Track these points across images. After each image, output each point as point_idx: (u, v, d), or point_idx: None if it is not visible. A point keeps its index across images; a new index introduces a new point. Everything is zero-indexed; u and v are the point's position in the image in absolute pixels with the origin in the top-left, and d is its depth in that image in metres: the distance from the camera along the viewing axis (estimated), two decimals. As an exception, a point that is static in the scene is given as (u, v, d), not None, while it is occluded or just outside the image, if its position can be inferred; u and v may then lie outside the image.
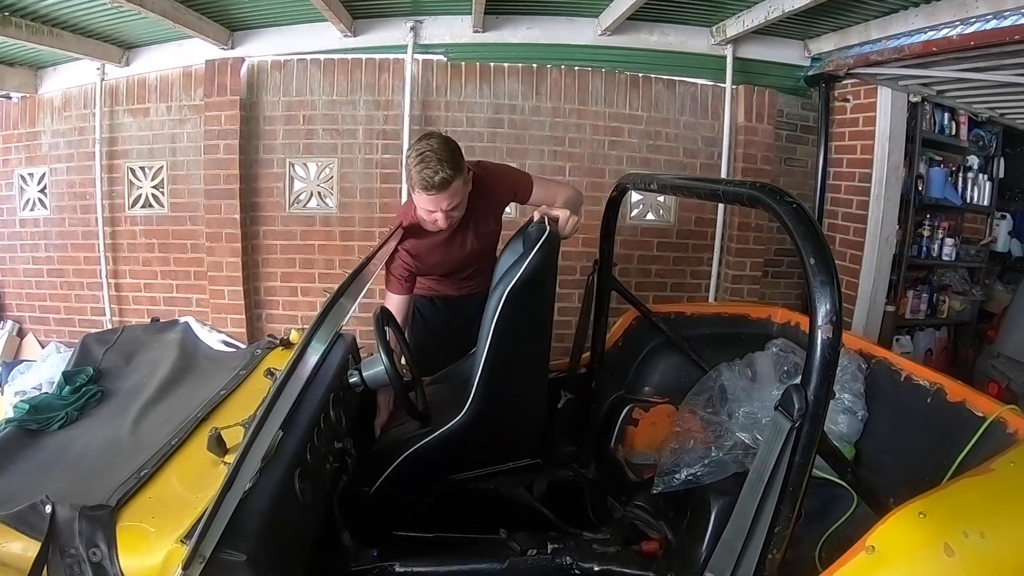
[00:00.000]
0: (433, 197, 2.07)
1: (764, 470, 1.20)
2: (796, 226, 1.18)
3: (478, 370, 1.91)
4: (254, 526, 1.22)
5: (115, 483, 1.34)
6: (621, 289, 2.43)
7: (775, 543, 1.23)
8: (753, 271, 4.30)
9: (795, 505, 1.20)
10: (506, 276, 1.89)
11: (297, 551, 1.39)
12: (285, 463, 1.45)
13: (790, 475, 1.18)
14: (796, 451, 1.16)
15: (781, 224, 1.21)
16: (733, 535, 1.27)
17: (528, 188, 2.43)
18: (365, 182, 4.07)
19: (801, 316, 2.44)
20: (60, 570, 1.17)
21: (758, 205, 1.29)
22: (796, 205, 1.21)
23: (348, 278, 1.28)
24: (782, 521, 1.21)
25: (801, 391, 1.14)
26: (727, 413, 1.95)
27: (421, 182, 2.04)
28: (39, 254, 4.43)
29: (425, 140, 2.07)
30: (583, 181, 4.01)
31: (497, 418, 1.95)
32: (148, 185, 4.20)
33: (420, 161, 2.03)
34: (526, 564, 1.82)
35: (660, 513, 2.02)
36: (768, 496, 1.21)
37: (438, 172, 2.02)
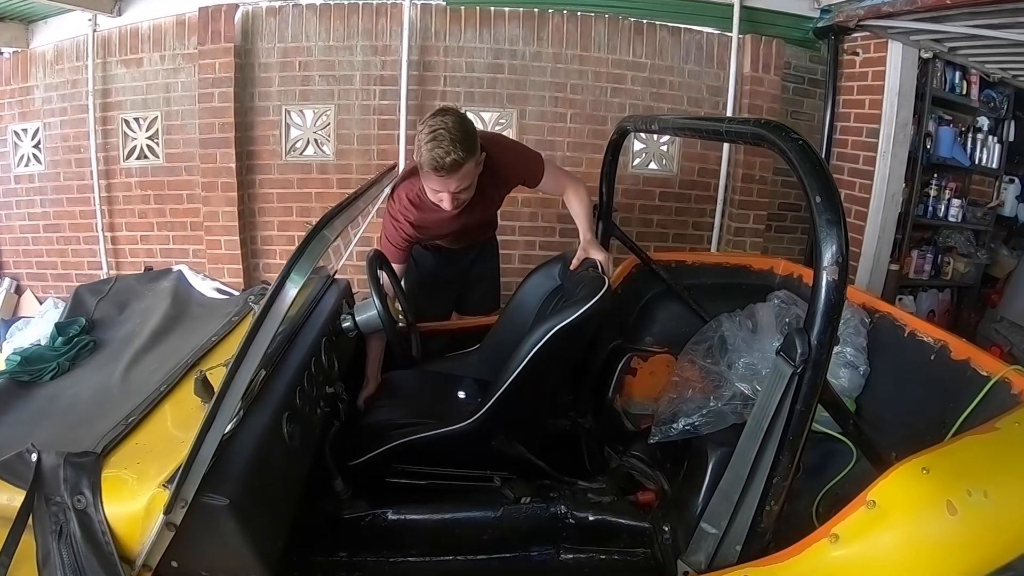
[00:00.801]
0: (442, 179, 1.96)
1: (763, 418, 1.17)
2: (802, 163, 1.12)
3: (499, 389, 1.84)
4: (238, 470, 1.20)
5: (103, 430, 1.33)
6: (621, 235, 2.38)
7: (773, 494, 1.21)
8: (756, 224, 4.24)
9: (795, 455, 1.17)
10: (556, 314, 1.84)
11: (285, 496, 1.38)
12: (272, 407, 1.43)
13: (790, 424, 1.15)
14: (797, 399, 1.13)
15: (786, 161, 1.15)
16: (730, 485, 1.26)
17: (539, 175, 2.31)
18: (362, 128, 3.98)
19: (804, 268, 2.39)
20: (45, 518, 1.16)
21: (762, 143, 1.23)
22: (802, 142, 1.15)
23: (332, 210, 1.23)
24: (781, 471, 1.19)
25: (804, 335, 1.10)
26: (727, 364, 1.91)
27: (431, 162, 1.91)
28: (35, 210, 4.40)
29: (440, 117, 1.94)
30: (584, 128, 3.94)
31: (500, 435, 1.92)
32: (143, 136, 4.13)
33: (432, 139, 1.90)
34: (520, 512, 1.83)
35: (657, 463, 2.01)
36: (767, 445, 1.18)
37: (450, 153, 1.89)
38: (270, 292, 1.04)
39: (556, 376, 2.07)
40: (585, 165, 3.93)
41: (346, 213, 1.30)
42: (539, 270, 2.35)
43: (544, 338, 1.77)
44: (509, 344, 2.05)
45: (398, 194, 2.23)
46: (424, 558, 1.82)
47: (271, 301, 1.04)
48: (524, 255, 4.08)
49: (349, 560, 1.79)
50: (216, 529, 1.13)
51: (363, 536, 1.81)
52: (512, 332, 2.21)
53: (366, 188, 1.66)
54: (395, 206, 2.23)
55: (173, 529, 1.11)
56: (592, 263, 2.12)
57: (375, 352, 2.26)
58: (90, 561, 1.11)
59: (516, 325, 2.25)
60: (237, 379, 1.06)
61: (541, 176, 2.31)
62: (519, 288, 2.38)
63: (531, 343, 1.79)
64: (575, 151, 4.01)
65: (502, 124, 3.98)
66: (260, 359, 1.05)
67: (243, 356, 1.04)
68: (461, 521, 1.83)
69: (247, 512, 1.16)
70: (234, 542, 1.14)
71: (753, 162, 4.14)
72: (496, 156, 2.16)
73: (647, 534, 1.79)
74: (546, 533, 1.83)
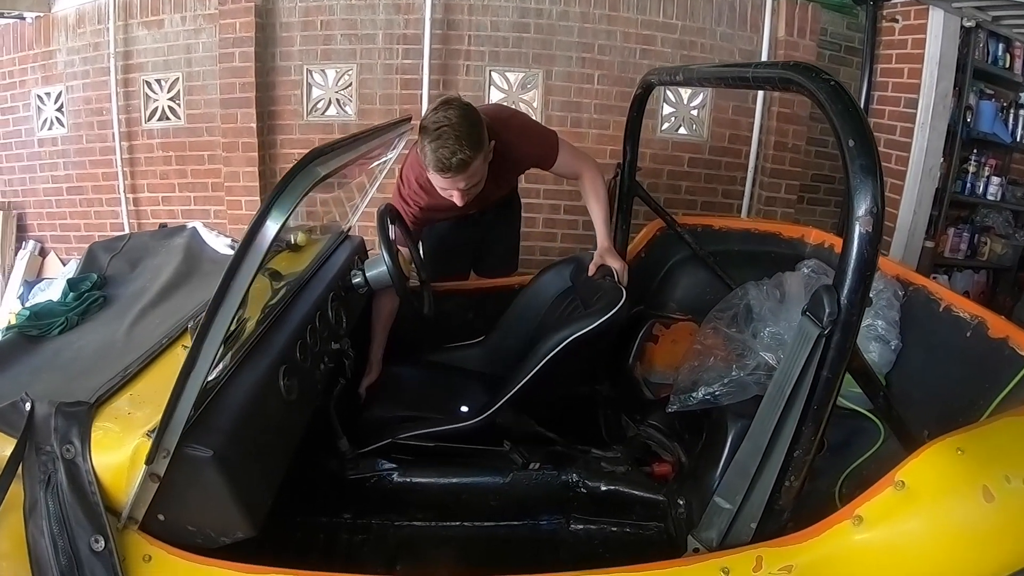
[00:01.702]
0: (450, 179, 1.83)
1: (786, 384, 1.07)
2: (834, 104, 1.01)
3: (508, 394, 1.79)
4: (225, 421, 1.16)
5: (100, 382, 1.29)
6: (645, 195, 2.28)
7: (793, 469, 1.12)
8: (788, 194, 4.09)
9: (819, 427, 1.08)
10: (570, 322, 1.79)
11: (278, 451, 1.33)
12: (270, 359, 1.39)
13: (815, 391, 1.05)
14: (824, 364, 1.03)
15: (817, 105, 1.05)
16: (747, 457, 1.17)
17: (552, 157, 2.16)
18: (385, 88, 3.91)
19: (835, 238, 2.27)
20: (35, 467, 1.12)
21: (791, 86, 1.13)
22: (834, 82, 1.04)
23: (325, 145, 1.15)
24: (803, 444, 1.10)
25: (833, 293, 1.00)
26: (751, 333, 1.82)
27: (436, 163, 1.78)
28: (58, 172, 4.42)
29: (442, 111, 1.79)
30: (612, 90, 3.82)
31: (504, 435, 1.86)
32: (164, 97, 4.13)
33: (436, 138, 1.75)
34: (530, 479, 1.77)
35: (674, 434, 1.94)
36: (789, 414, 1.09)
37: (456, 153, 1.75)
38: (248, 229, 0.97)
39: (576, 378, 2.04)
40: (612, 128, 3.82)
41: (344, 154, 1.21)
42: (551, 269, 2.27)
43: (558, 347, 1.73)
44: (514, 341, 2.03)
45: (406, 176, 2.13)
46: (430, 523, 1.79)
47: (249, 239, 0.97)
48: (548, 219, 4.01)
49: (353, 522, 1.78)
50: (200, 481, 1.09)
51: (368, 498, 1.78)
52: (519, 330, 2.18)
53: (371, 132, 1.57)
54: (404, 189, 2.14)
55: (157, 480, 1.07)
56: (608, 271, 2.03)
57: (380, 336, 2.20)
58: (75, 511, 1.08)
59: (523, 323, 2.21)
60: (216, 322, 1.00)
61: (555, 158, 2.17)
62: (529, 285, 2.31)
63: (544, 351, 1.75)
64: (602, 113, 3.89)
65: (528, 85, 3.87)
66: (240, 301, 0.99)
67: (221, 298, 0.98)
68: (468, 486, 1.78)
69: (232, 465, 1.11)
70: (218, 495, 1.10)
71: (786, 129, 3.98)
72: (507, 141, 2.02)
73: (661, 507, 1.73)
74: (556, 502, 1.78)
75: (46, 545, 1.06)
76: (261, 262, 0.98)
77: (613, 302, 1.77)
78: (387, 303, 2.18)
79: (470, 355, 2.35)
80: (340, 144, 1.20)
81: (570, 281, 2.19)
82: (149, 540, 1.11)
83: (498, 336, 2.32)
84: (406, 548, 1.74)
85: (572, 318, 1.83)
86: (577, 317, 1.82)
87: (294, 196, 1.00)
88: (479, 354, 2.34)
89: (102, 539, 1.06)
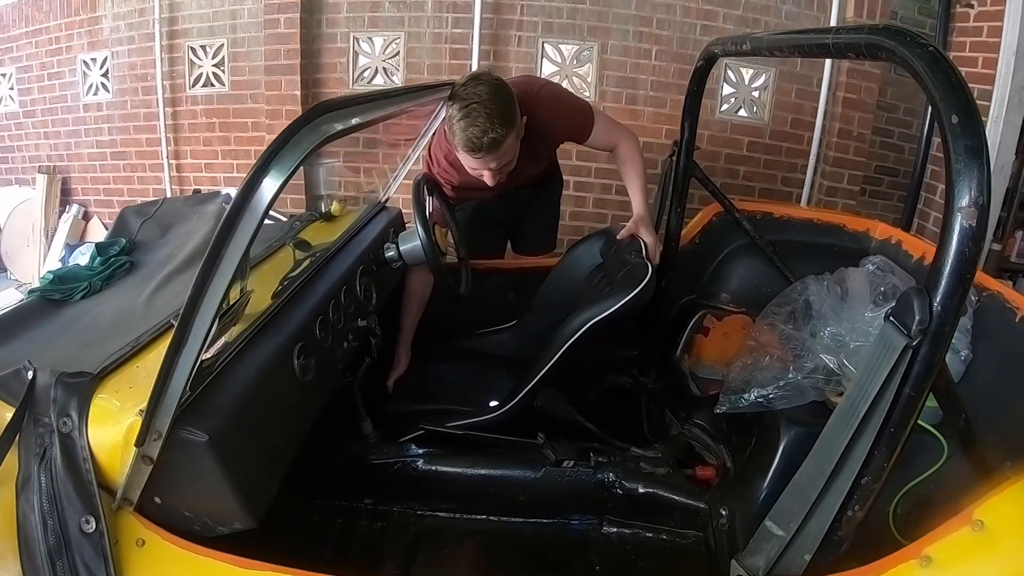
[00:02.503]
0: (480, 159, 1.73)
1: (861, 400, 0.92)
2: (934, 74, 0.84)
3: (531, 382, 1.70)
4: (226, 403, 1.06)
5: (110, 352, 1.22)
6: (702, 176, 2.11)
7: (859, 498, 0.97)
8: (851, 185, 3.83)
9: (893, 452, 0.93)
10: (593, 303, 1.65)
11: (287, 436, 1.24)
12: (284, 336, 1.29)
13: (894, 411, 0.90)
14: (907, 380, 0.88)
15: (911, 75, 0.87)
16: (808, 479, 1.02)
17: (588, 130, 2.03)
18: (433, 58, 3.79)
19: (903, 234, 2.07)
20: (31, 440, 1.05)
21: (879, 54, 0.95)
22: (932, 48, 0.87)
23: (341, 99, 1.04)
24: (873, 470, 0.94)
25: (924, 297, 0.84)
26: (810, 331, 1.67)
27: (466, 143, 1.68)
28: (103, 137, 4.46)
29: (472, 86, 1.69)
30: (669, 67, 3.63)
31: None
32: (209, 64, 4.10)
33: (465, 116, 1.66)
34: (563, 476, 1.66)
35: (721, 436, 1.81)
36: (861, 436, 0.94)
37: (487, 132, 1.66)
38: (242, 184, 0.86)
39: (601, 360, 1.94)
40: (669, 107, 3.65)
41: (365, 111, 1.09)
42: (581, 245, 2.15)
43: (579, 331, 1.61)
44: (546, 324, 1.88)
45: (435, 154, 2.02)
46: (454, 514, 1.70)
47: (242, 199, 0.86)
48: (599, 199, 3.87)
49: (374, 508, 1.70)
50: (194, 468, 1.00)
51: (390, 484, 1.70)
52: (550, 310, 2.05)
53: (400, 92, 1.45)
54: (434, 167, 2.02)
55: (150, 463, 0.99)
56: (638, 246, 1.89)
57: (410, 322, 2.11)
58: (67, 489, 1.00)
59: (554, 303, 2.08)
60: (207, 296, 0.90)
61: (591, 131, 2.03)
62: (559, 263, 2.18)
63: (565, 335, 1.63)
64: (658, 90, 3.71)
65: (582, 59, 3.71)
66: (234, 272, 0.88)
67: (210, 268, 0.88)
68: (497, 479, 1.68)
69: (230, 451, 1.02)
70: (214, 484, 1.01)
71: (852, 116, 3.72)
72: (539, 116, 1.89)
73: (701, 515, 1.60)
74: (590, 501, 1.67)
75: (36, 522, 0.99)
76: (256, 228, 0.88)
77: (636, 280, 1.63)
78: (419, 283, 2.09)
79: (503, 340, 2.25)
80: (358, 100, 1.08)
81: (600, 256, 2.06)
82: (144, 523, 1.03)
83: (531, 319, 2.21)
84: (427, 539, 1.66)
85: (598, 298, 1.70)
86: (602, 297, 1.69)
87: (298, 153, 0.89)
88: (512, 338, 2.25)
89: (93, 520, 0.99)
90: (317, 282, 1.58)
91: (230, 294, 1.07)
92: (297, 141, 0.88)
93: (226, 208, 2.42)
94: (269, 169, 0.86)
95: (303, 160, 0.90)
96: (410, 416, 1.84)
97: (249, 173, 0.86)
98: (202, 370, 1.01)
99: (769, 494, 1.45)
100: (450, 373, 2.12)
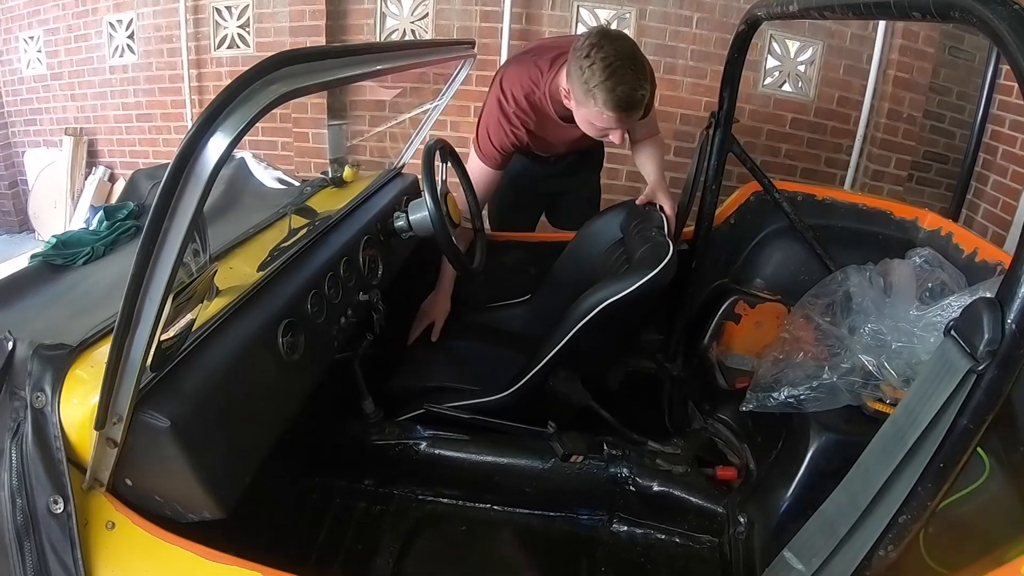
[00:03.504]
0: (624, 118, 1.66)
1: (910, 428, 0.78)
2: (1020, 36, 0.69)
3: (540, 362, 1.60)
4: (193, 386, 0.98)
5: (97, 321, 1.15)
6: (741, 152, 1.97)
7: (895, 537, 0.84)
8: (898, 170, 3.61)
9: (940, 489, 0.81)
10: (610, 283, 1.53)
11: (267, 420, 1.15)
12: (267, 313, 1.20)
13: (947, 442, 0.77)
14: (966, 409, 0.74)
15: (992, 39, 0.73)
16: (838, 513, 0.89)
17: (650, 107, 1.96)
18: (463, 20, 3.66)
19: (954, 226, 1.91)
20: (6, 414, 0.99)
21: (952, 12, 0.80)
22: (1018, 7, 0.72)
23: (310, 48, 0.92)
24: (913, 508, 0.82)
25: (997, 311, 0.69)
26: (849, 327, 1.54)
27: (618, 101, 1.60)
28: (128, 100, 4.47)
29: (608, 44, 1.61)
30: (711, 36, 3.45)
31: (537, 407, 1.65)
32: (234, 25, 4.05)
33: (611, 75, 1.58)
34: (573, 468, 1.56)
35: (746, 435, 1.70)
36: (905, 468, 0.80)
37: (637, 89, 1.60)
38: (180, 148, 0.75)
39: (613, 343, 1.82)
40: (709, 78, 3.48)
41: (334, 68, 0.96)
42: (600, 218, 2.03)
43: (593, 311, 1.50)
44: (560, 300, 1.77)
45: (512, 92, 1.88)
46: (457, 502, 1.63)
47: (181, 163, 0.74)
48: (632, 171, 3.65)
49: (374, 490, 1.64)
50: (159, 453, 0.93)
51: (391, 466, 1.63)
52: (565, 287, 1.94)
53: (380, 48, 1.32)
54: (508, 106, 1.88)
55: (114, 446, 0.92)
56: (660, 222, 1.79)
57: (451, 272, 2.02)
58: (37, 467, 0.94)
59: (570, 279, 1.98)
60: (155, 271, 0.79)
61: (651, 109, 2.00)
62: (576, 236, 2.07)
63: (578, 315, 1.52)
64: (699, 60, 3.54)
65: (619, 24, 3.53)
66: (181, 244, 0.78)
67: (158, 232, 0.77)
68: (503, 467, 1.59)
69: (195, 438, 0.94)
70: (179, 471, 0.94)
71: (903, 97, 3.48)
72: None
73: (718, 520, 1.49)
74: (600, 496, 1.57)
75: (4, 500, 0.94)
76: (202, 195, 0.77)
77: (656, 259, 1.52)
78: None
79: (515, 315, 2.16)
80: (327, 53, 0.95)
81: (620, 231, 1.94)
82: (116, 505, 0.97)
83: (545, 294, 2.10)
84: (427, 525, 1.59)
85: (616, 277, 1.59)
86: (620, 275, 1.58)
87: (253, 108, 0.77)
88: (524, 314, 2.15)
89: (62, 501, 0.93)
90: (314, 253, 1.48)
91: (191, 267, 0.99)
92: (248, 96, 0.77)
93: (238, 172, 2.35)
94: (215, 128, 0.75)
95: (257, 117, 0.79)
96: (414, 393, 1.76)
97: (188, 133, 0.75)
98: (164, 350, 0.93)
99: (792, 504, 1.36)
100: (458, 349, 2.02)
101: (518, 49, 3.52)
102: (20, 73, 4.85)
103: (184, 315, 0.96)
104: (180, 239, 0.78)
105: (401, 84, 3.75)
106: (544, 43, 2.01)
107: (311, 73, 0.88)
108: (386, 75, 1.31)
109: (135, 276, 0.80)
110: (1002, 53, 0.73)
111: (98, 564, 0.92)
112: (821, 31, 3.48)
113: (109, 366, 0.84)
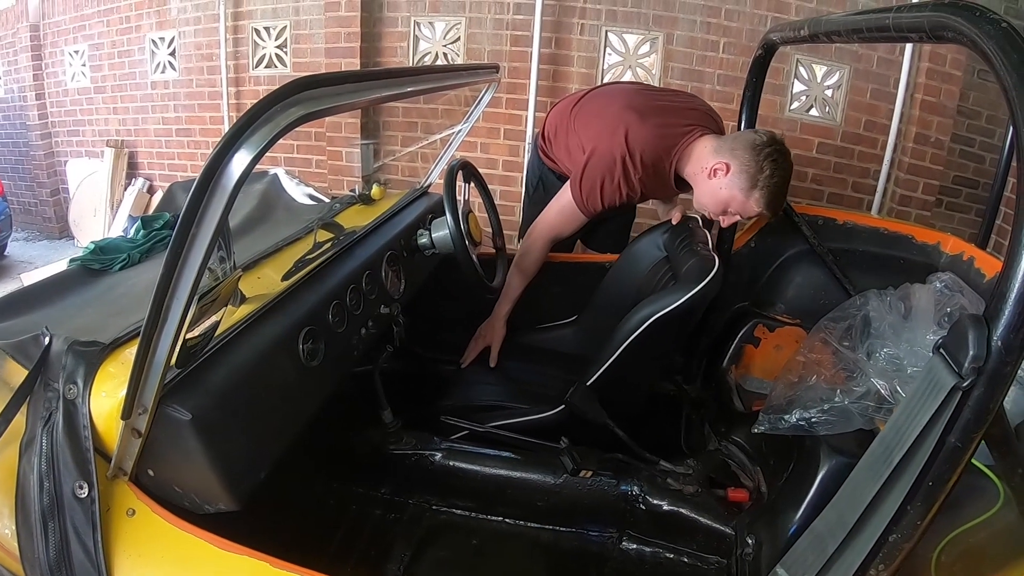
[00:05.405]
0: (765, 215, 1.83)
1: (896, 445, 0.78)
2: (1006, 55, 0.70)
3: (591, 378, 1.63)
4: (216, 383, 1.03)
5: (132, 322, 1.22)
6: None
7: (885, 556, 0.83)
8: (926, 195, 3.55)
9: (930, 508, 0.79)
10: (658, 298, 1.57)
11: (284, 420, 1.20)
12: (290, 319, 1.26)
13: (934, 461, 0.76)
14: (953, 426, 0.74)
15: (982, 57, 0.74)
16: (827, 530, 0.89)
17: None
18: (494, 44, 3.74)
19: (977, 250, 1.89)
20: (39, 404, 1.07)
21: (944, 34, 0.81)
22: (1006, 25, 0.73)
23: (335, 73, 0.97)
24: (904, 528, 0.81)
25: (983, 328, 0.69)
26: (866, 351, 1.53)
27: (769, 203, 1.75)
28: (168, 114, 4.65)
29: (782, 157, 1.75)
30: (738, 60, 3.48)
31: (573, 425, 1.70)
32: (272, 45, 4.20)
33: (777, 183, 1.74)
34: (585, 484, 1.58)
35: (759, 457, 1.71)
36: (893, 487, 0.80)
37: (784, 199, 1.80)
38: (208, 160, 0.80)
39: (662, 359, 1.87)
40: (735, 102, 3.44)
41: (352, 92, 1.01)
42: (642, 238, 2.05)
43: (642, 326, 1.53)
44: (607, 319, 1.81)
45: (643, 156, 1.87)
46: (469, 513, 1.65)
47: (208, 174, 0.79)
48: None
49: (390, 499, 1.67)
50: (180, 445, 0.98)
51: (407, 476, 1.66)
52: (612, 307, 1.96)
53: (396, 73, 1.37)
54: (634, 169, 1.88)
55: (139, 436, 0.98)
56: (704, 239, 1.84)
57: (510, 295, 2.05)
58: (65, 453, 1.01)
59: (617, 299, 2.00)
60: (183, 272, 0.85)
61: None
62: (620, 257, 2.09)
63: (626, 332, 1.55)
64: (725, 85, 3.56)
65: (646, 49, 3.59)
66: (208, 247, 0.83)
67: (186, 239, 0.83)
68: (516, 481, 1.61)
69: (214, 432, 0.99)
70: (197, 462, 0.99)
71: (930, 121, 3.44)
72: None
73: (727, 541, 1.49)
74: (611, 513, 1.58)
75: (33, 483, 1.00)
76: (226, 207, 0.82)
77: (705, 272, 1.55)
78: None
79: (563, 335, 2.19)
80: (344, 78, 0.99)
81: (664, 250, 1.97)
82: (137, 494, 1.03)
83: (591, 314, 2.13)
84: (439, 534, 1.61)
85: (663, 292, 1.62)
86: (667, 291, 1.61)
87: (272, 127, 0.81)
88: (573, 334, 2.18)
89: (87, 486, 0.99)
90: (338, 266, 1.54)
91: (216, 272, 1.04)
92: (270, 116, 0.82)
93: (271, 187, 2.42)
94: (239, 145, 0.80)
95: (278, 136, 0.83)
96: (464, 412, 1.80)
97: (215, 149, 0.81)
98: (189, 348, 0.98)
99: (801, 527, 1.34)
100: (508, 369, 2.06)
101: (548, 74, 3.61)
102: (65, 85, 5.07)
103: (209, 316, 1.02)
104: (206, 245, 0.84)
105: (434, 106, 3.84)
106: (658, 102, 2.03)
107: (329, 96, 0.92)
108: (404, 99, 1.37)
109: (164, 277, 0.86)
110: (990, 70, 0.73)
111: (117, 548, 0.97)
112: (847, 55, 3.49)
113: (137, 359, 0.90)
